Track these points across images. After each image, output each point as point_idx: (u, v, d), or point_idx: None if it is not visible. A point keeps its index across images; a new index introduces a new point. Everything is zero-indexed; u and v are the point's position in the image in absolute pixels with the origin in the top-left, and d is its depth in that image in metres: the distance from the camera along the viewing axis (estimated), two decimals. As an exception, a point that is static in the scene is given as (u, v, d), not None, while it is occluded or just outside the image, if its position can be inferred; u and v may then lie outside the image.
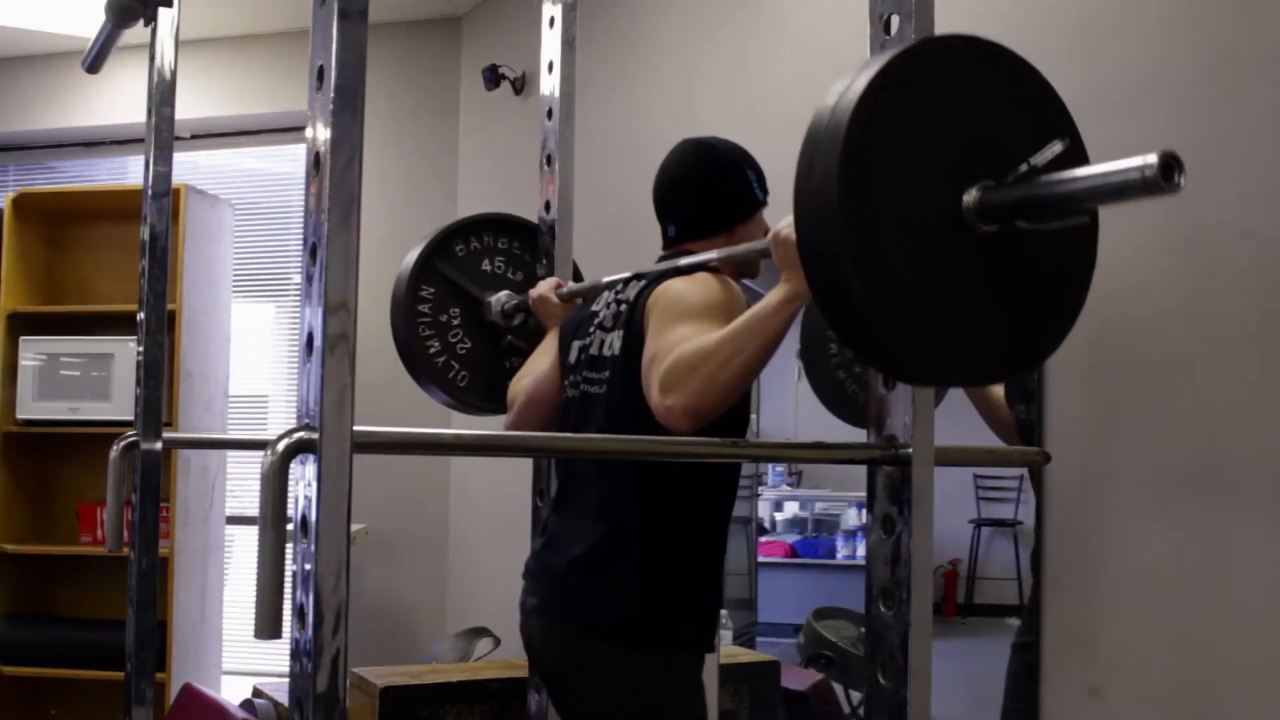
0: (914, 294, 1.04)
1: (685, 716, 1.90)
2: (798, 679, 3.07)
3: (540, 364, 2.18)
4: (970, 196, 1.06)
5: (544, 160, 2.35)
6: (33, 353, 4.29)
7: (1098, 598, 2.19)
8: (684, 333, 1.71)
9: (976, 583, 2.74)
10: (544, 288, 2.30)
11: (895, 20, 1.19)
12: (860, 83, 1.03)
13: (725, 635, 3.31)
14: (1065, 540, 2.26)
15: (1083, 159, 1.14)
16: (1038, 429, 2.30)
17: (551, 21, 2.16)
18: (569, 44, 2.17)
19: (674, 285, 1.85)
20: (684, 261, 1.90)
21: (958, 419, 2.50)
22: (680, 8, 3.73)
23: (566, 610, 1.92)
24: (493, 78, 4.56)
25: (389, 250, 4.76)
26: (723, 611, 3.33)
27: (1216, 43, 2.05)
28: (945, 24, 1.23)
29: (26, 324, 4.34)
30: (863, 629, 1.21)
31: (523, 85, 4.53)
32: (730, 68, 3.46)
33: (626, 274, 2.00)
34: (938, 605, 2.72)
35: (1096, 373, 2.21)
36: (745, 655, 3.27)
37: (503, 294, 2.44)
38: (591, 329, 2.00)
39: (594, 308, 2.05)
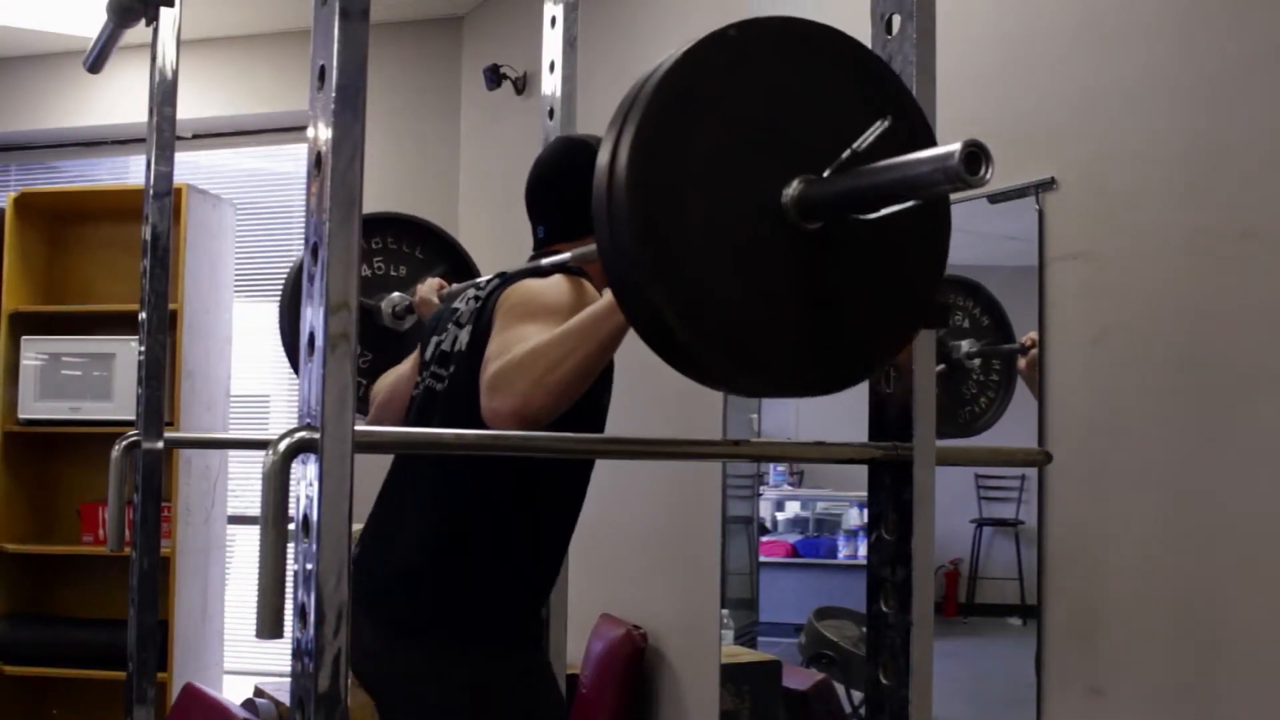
0: (730, 303, 0.96)
1: (514, 717, 1.81)
2: (799, 679, 3.07)
3: (406, 363, 2.14)
4: (790, 192, 0.99)
5: (545, 160, 2.34)
6: (34, 352, 4.29)
7: (1099, 597, 2.19)
8: (523, 333, 1.65)
9: (978, 582, 2.74)
10: (426, 291, 2.27)
11: (896, 20, 1.19)
12: (659, 72, 0.96)
13: (727, 635, 3.31)
14: (1066, 540, 2.26)
15: (924, 134, 1.06)
16: (1039, 429, 2.30)
17: (553, 21, 2.16)
18: (570, 44, 2.17)
19: (525, 284, 1.79)
20: (545, 261, 1.84)
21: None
22: (681, 7, 3.73)
23: (383, 617, 1.80)
24: (494, 77, 4.56)
25: (390, 250, 4.77)
26: (724, 611, 3.35)
27: (1217, 42, 2.05)
28: (945, 24, 1.23)
29: (28, 324, 4.34)
30: (864, 629, 1.20)
31: (524, 85, 4.53)
32: (731, 67, 3.46)
33: (494, 274, 1.95)
34: (939, 605, 2.71)
35: (1098, 372, 2.21)
36: (746, 655, 3.27)
37: (392, 296, 2.41)
38: (449, 325, 1.94)
39: (456, 303, 1.99)
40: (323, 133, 0.99)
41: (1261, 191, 1.95)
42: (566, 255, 1.79)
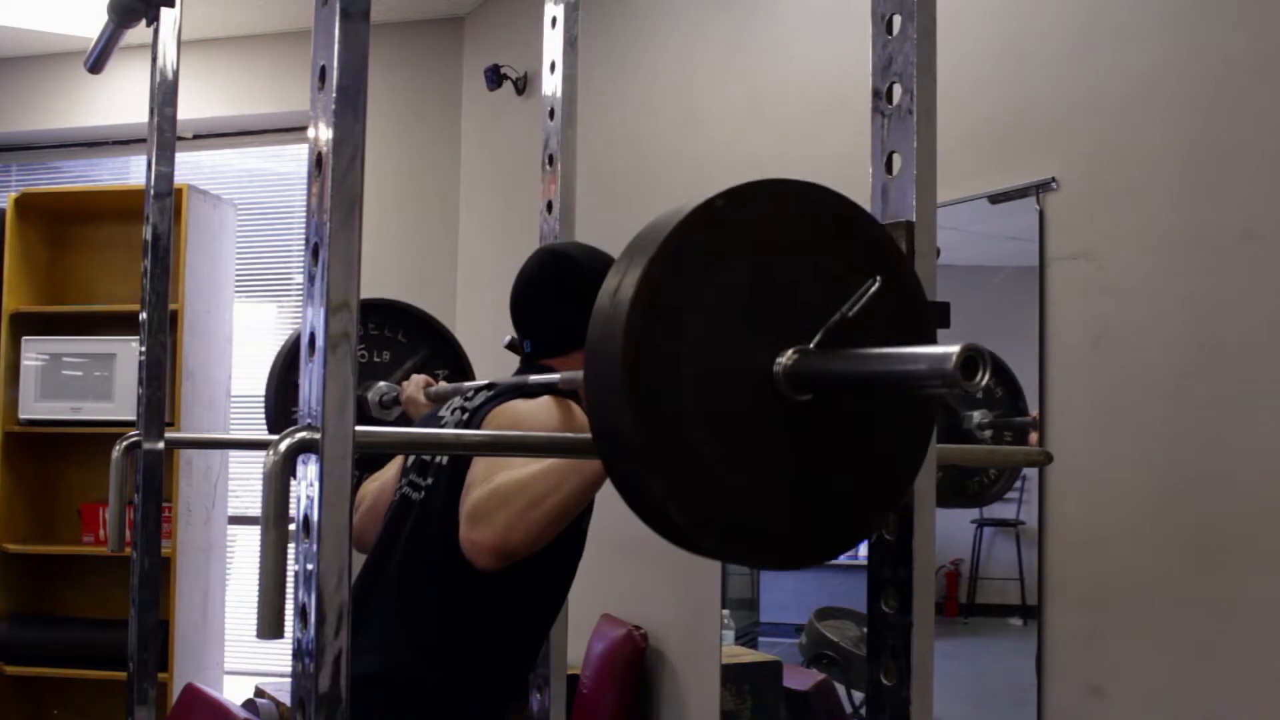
0: (728, 486, 0.96)
1: None
2: (800, 679, 3.07)
3: (392, 467, 2.10)
4: (783, 361, 0.98)
5: (546, 160, 2.35)
6: (35, 352, 4.29)
7: (1099, 597, 2.19)
8: (508, 461, 1.60)
9: (978, 583, 2.74)
10: (412, 388, 2.24)
11: (897, 20, 1.18)
12: (665, 227, 0.95)
13: (728, 635, 3.31)
14: (1067, 540, 2.26)
15: (914, 291, 1.05)
16: (1040, 429, 2.30)
17: (553, 21, 2.16)
18: (571, 44, 2.16)
19: (512, 407, 1.75)
20: (533, 379, 1.77)
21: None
22: (681, 7, 3.73)
23: None
24: (495, 78, 4.56)
25: (391, 250, 4.78)
26: (725, 611, 3.35)
27: (1217, 43, 2.05)
28: (946, 24, 1.23)
29: (29, 324, 4.35)
30: (865, 629, 1.20)
31: (524, 85, 4.53)
32: (731, 67, 3.46)
33: (482, 382, 1.92)
34: (940, 605, 2.71)
35: (1098, 372, 2.21)
36: (747, 655, 3.27)
37: (379, 386, 2.39)
38: None
39: (441, 411, 1.96)
40: (324, 133, 0.99)
41: (1262, 192, 1.95)
42: (555, 377, 1.72)
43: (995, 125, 2.45)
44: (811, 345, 0.99)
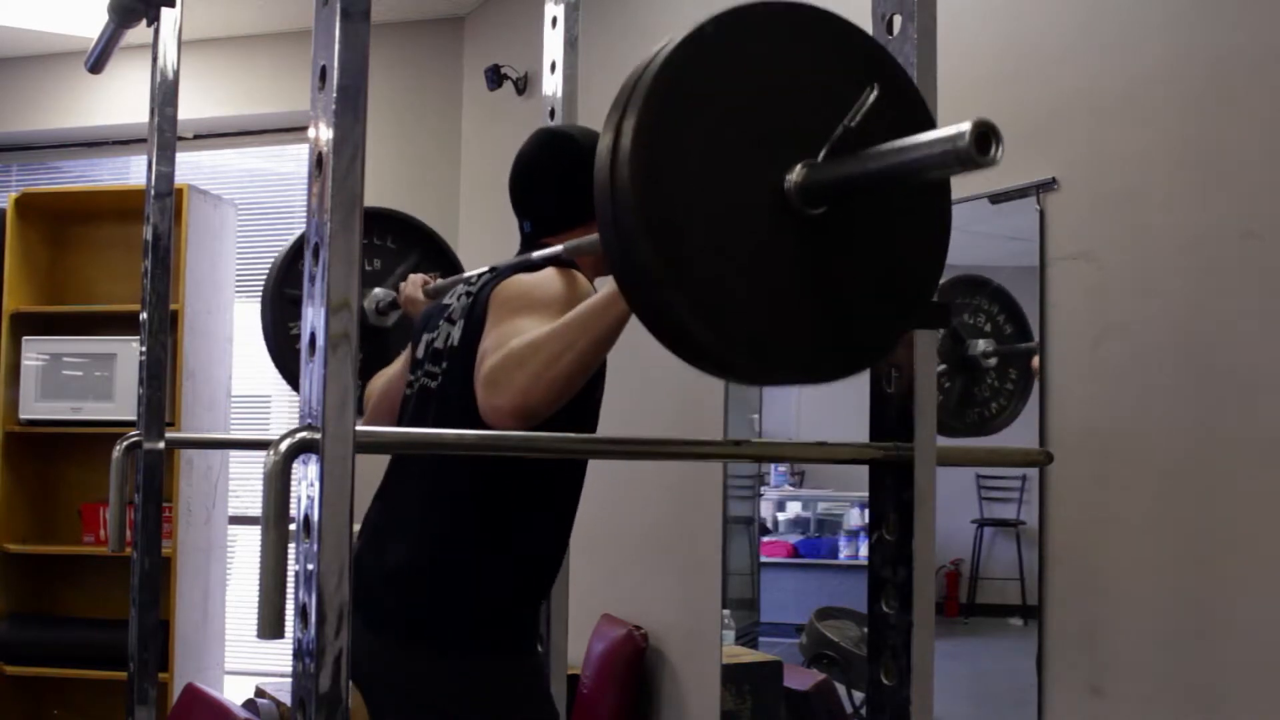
0: (736, 292, 0.96)
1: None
2: (800, 679, 3.07)
3: (397, 362, 2.12)
4: (793, 177, 0.98)
5: (546, 160, 2.34)
6: (35, 352, 4.29)
7: (1100, 597, 2.19)
8: (518, 327, 1.62)
9: (979, 583, 2.74)
10: (411, 288, 2.25)
11: (897, 20, 1.19)
12: (656, 62, 0.96)
13: (728, 635, 3.31)
14: (1067, 540, 2.26)
15: (914, 102, 1.06)
16: (1040, 429, 2.30)
17: (554, 21, 2.16)
18: (571, 44, 2.17)
19: (517, 279, 1.76)
20: (535, 255, 1.80)
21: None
22: (682, 7, 3.73)
23: (376, 618, 1.78)
24: (495, 78, 4.56)
25: (391, 250, 4.77)
26: (725, 611, 3.35)
27: (1217, 42, 2.05)
28: (946, 24, 1.23)
29: (29, 324, 4.35)
30: (865, 629, 1.20)
31: (525, 85, 4.53)
32: (732, 68, 3.46)
33: (484, 268, 1.93)
34: (940, 605, 2.71)
35: (1099, 372, 2.21)
36: (748, 655, 3.27)
37: (375, 292, 2.40)
38: (440, 322, 1.92)
39: (446, 300, 1.97)
40: (324, 133, 0.99)
41: (1262, 191, 1.95)
42: (558, 248, 1.75)
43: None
44: (819, 159, 0.99)
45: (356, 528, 1.85)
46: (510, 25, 4.74)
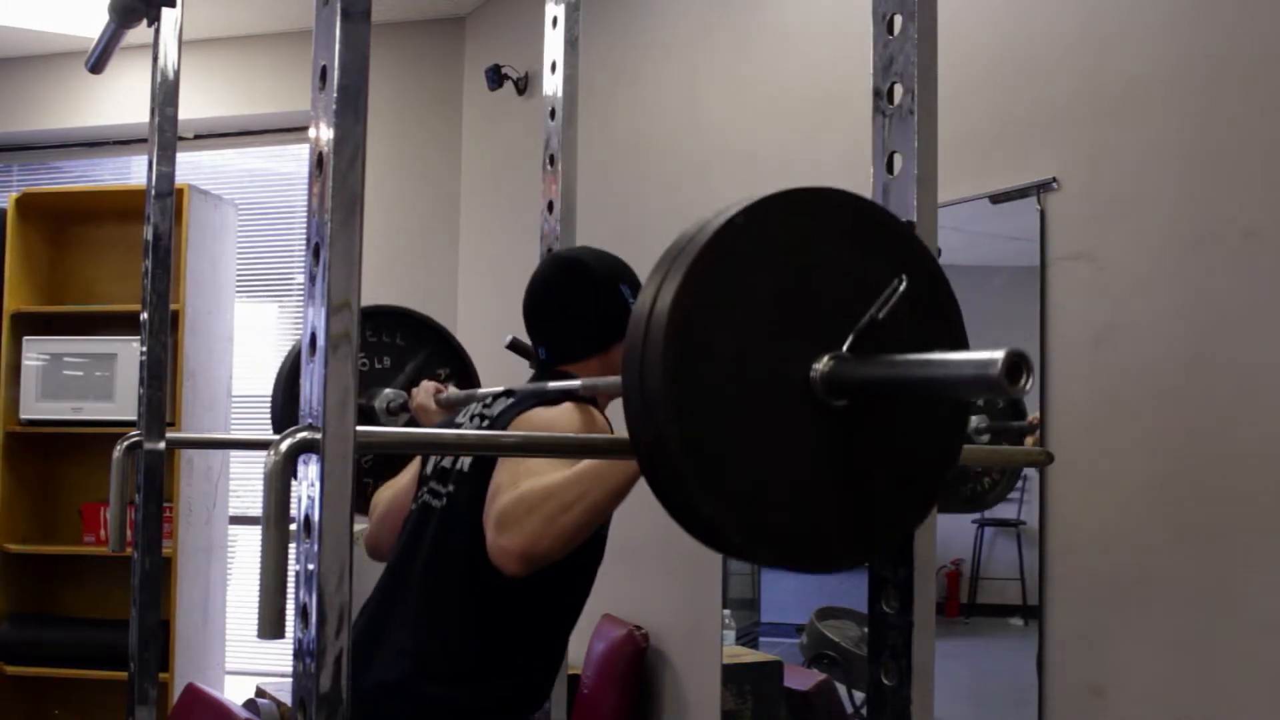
0: (763, 488, 0.97)
1: None
2: (800, 679, 3.07)
3: (406, 474, 2.11)
4: (819, 368, 0.99)
5: (547, 160, 2.35)
6: (36, 352, 4.30)
7: (1100, 597, 2.19)
8: (533, 467, 1.61)
9: (979, 583, 2.74)
10: (422, 395, 2.23)
11: (898, 20, 1.18)
12: (690, 254, 0.96)
13: (728, 635, 3.31)
14: (1068, 540, 2.26)
15: (938, 288, 1.07)
16: (1041, 430, 2.30)
17: (554, 21, 2.16)
18: (572, 44, 2.16)
19: (536, 415, 1.75)
20: (551, 386, 1.78)
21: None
22: (683, 7, 3.73)
23: None
24: (495, 78, 4.57)
25: (392, 250, 4.78)
26: (726, 611, 3.35)
27: (1217, 42, 2.05)
28: (947, 24, 1.23)
29: (30, 324, 4.35)
30: (865, 629, 1.20)
31: (525, 85, 4.53)
32: (733, 67, 3.46)
33: (498, 389, 1.93)
34: (940, 605, 2.71)
35: (1099, 372, 2.21)
36: (748, 655, 3.27)
37: (385, 393, 2.38)
38: None
39: (459, 419, 1.97)
40: (324, 133, 0.99)
41: (1262, 191, 1.95)
42: (576, 384, 1.72)
43: (996, 125, 2.45)
44: (844, 349, 0.99)
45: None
46: (511, 25, 4.74)
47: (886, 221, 1.07)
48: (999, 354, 0.86)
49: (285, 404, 2.37)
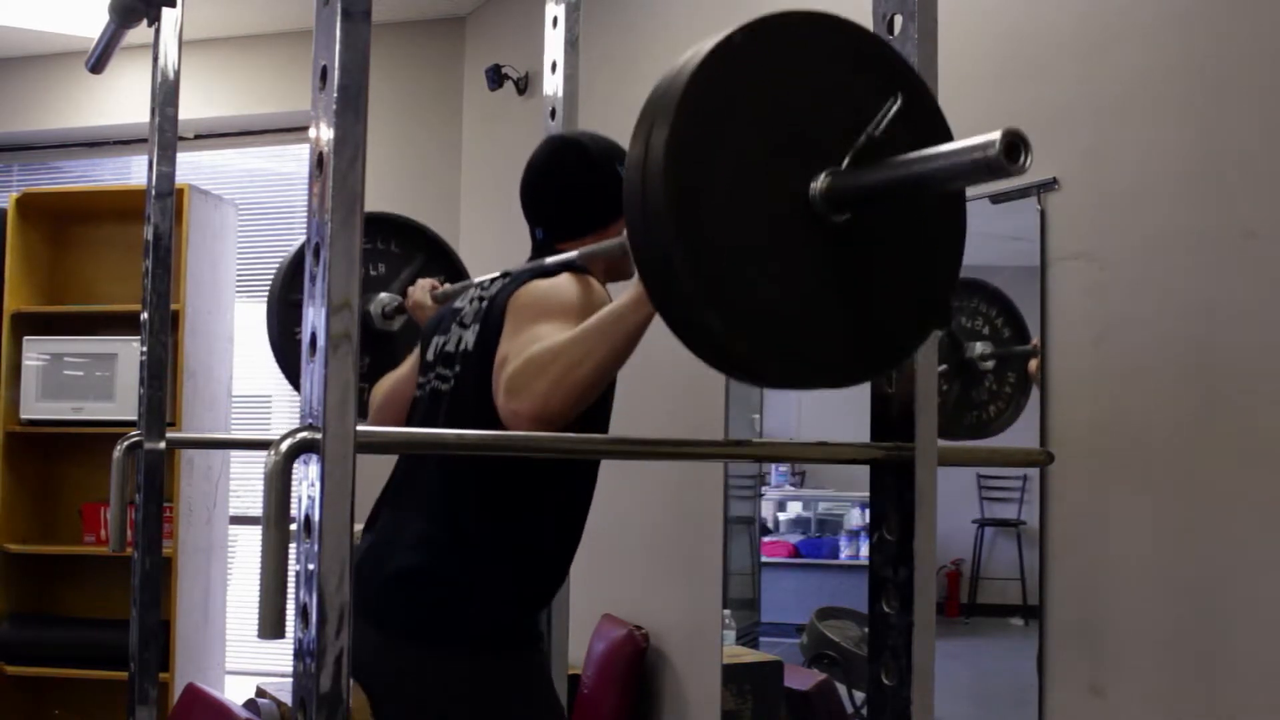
0: (769, 304, 0.98)
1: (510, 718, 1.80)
2: (801, 679, 3.07)
3: (405, 364, 2.12)
4: (818, 185, 1.00)
5: (547, 160, 2.35)
6: (36, 352, 4.29)
7: (1100, 597, 2.19)
8: (537, 333, 1.64)
9: (979, 583, 2.74)
10: (418, 293, 2.25)
11: (899, 20, 1.19)
12: (685, 73, 0.97)
13: (729, 635, 3.31)
14: (1068, 540, 2.26)
15: (932, 112, 1.07)
16: (1041, 429, 2.30)
17: (555, 21, 2.16)
18: (572, 44, 2.17)
19: (534, 285, 1.77)
20: (549, 260, 1.82)
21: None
22: (683, 7, 3.73)
23: (380, 618, 1.78)
24: (496, 78, 4.56)
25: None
26: (726, 611, 3.35)
27: (1217, 42, 2.05)
28: (947, 24, 1.23)
29: (30, 324, 4.35)
30: (866, 629, 1.20)
31: (526, 85, 4.53)
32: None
33: (496, 273, 1.94)
34: (941, 605, 2.71)
35: (1099, 372, 2.21)
36: (748, 655, 3.27)
37: (381, 298, 2.39)
38: (452, 325, 1.93)
39: (457, 304, 1.98)
40: (325, 133, 0.99)
41: (1263, 191, 1.95)
42: (573, 254, 1.77)
43: (996, 125, 2.45)
44: (842, 166, 1.00)
45: (358, 528, 1.86)
46: (511, 25, 4.74)
47: (879, 47, 1.08)
48: (995, 134, 0.87)
49: (282, 323, 2.36)
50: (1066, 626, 2.25)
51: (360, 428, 0.98)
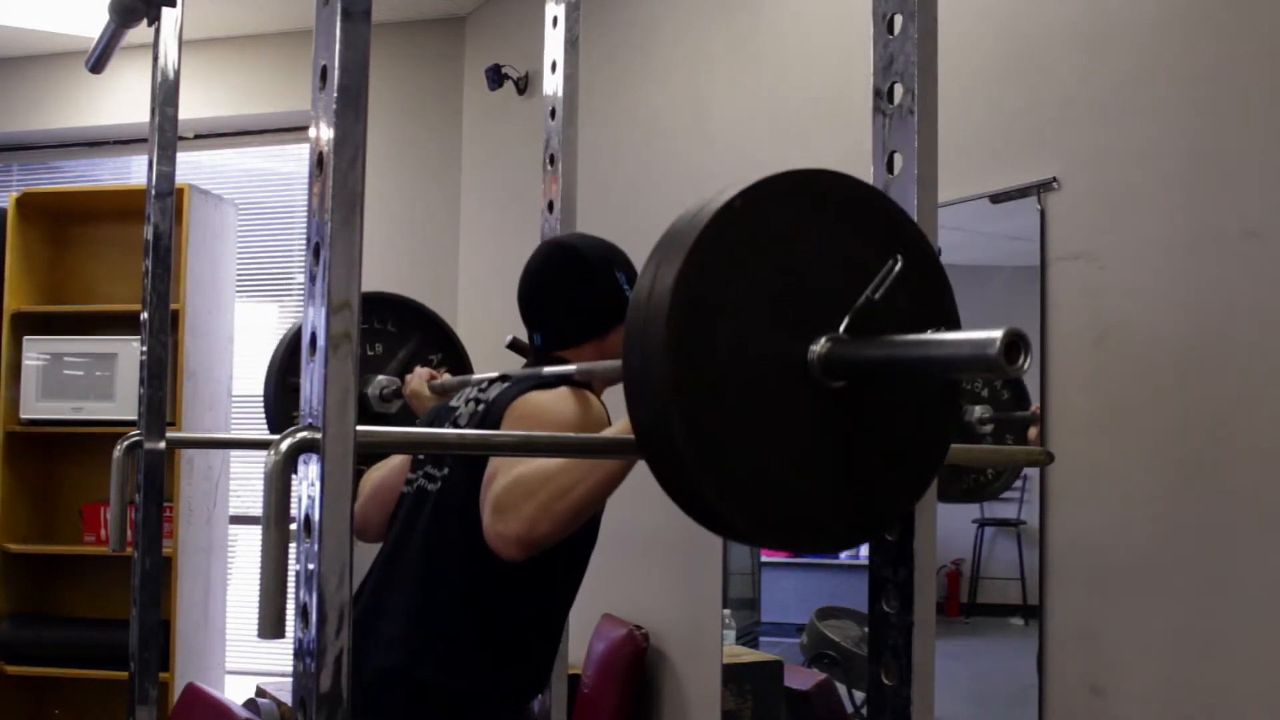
0: (763, 470, 0.97)
1: None
2: (801, 679, 3.07)
3: (395, 456, 2.10)
4: (817, 349, 0.99)
5: (547, 160, 2.35)
6: (36, 352, 4.30)
7: (1100, 597, 2.19)
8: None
9: (979, 583, 2.74)
10: (416, 382, 2.24)
11: (898, 20, 1.19)
12: (688, 237, 0.96)
13: (729, 635, 3.31)
14: (1068, 540, 2.26)
15: (931, 269, 1.07)
16: (1041, 426, 2.30)
17: (554, 21, 2.16)
18: (572, 43, 2.17)
19: (532, 398, 1.75)
20: (548, 371, 1.79)
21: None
22: (684, 6, 3.73)
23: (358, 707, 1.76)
24: (496, 77, 4.57)
25: (392, 250, 4.78)
26: (726, 611, 3.35)
27: (1217, 42, 2.05)
28: (947, 24, 1.23)
29: (30, 324, 4.35)
30: (866, 629, 1.20)
31: (526, 85, 4.53)
32: (734, 66, 3.46)
33: (494, 374, 1.93)
34: (941, 605, 2.71)
35: (1099, 372, 2.21)
36: (748, 655, 3.27)
37: (379, 380, 2.38)
38: (447, 426, 1.92)
39: (454, 403, 1.97)
40: (325, 133, 0.99)
41: (1263, 191, 1.95)
42: (571, 369, 1.73)
43: (996, 125, 2.45)
44: (840, 331, 1.00)
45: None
46: (511, 25, 4.74)
47: (880, 204, 1.07)
48: (997, 333, 0.86)
49: (279, 400, 2.37)
50: (1066, 626, 2.25)
51: (361, 428, 0.98)
